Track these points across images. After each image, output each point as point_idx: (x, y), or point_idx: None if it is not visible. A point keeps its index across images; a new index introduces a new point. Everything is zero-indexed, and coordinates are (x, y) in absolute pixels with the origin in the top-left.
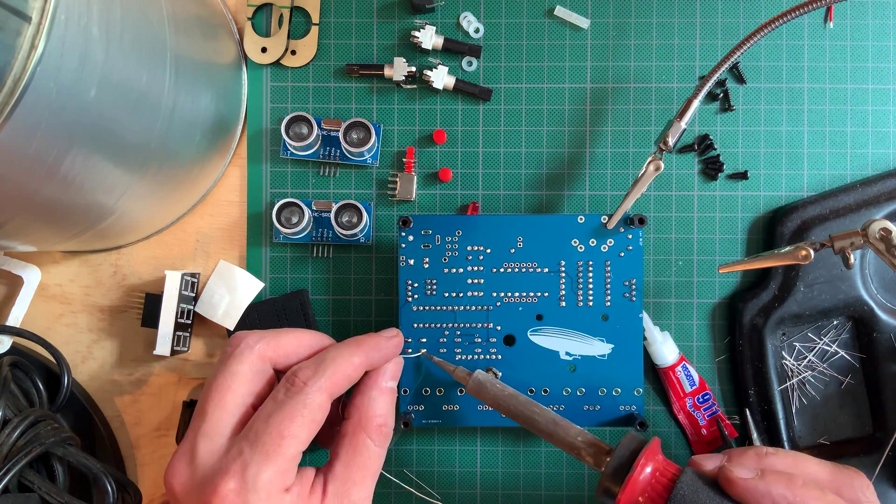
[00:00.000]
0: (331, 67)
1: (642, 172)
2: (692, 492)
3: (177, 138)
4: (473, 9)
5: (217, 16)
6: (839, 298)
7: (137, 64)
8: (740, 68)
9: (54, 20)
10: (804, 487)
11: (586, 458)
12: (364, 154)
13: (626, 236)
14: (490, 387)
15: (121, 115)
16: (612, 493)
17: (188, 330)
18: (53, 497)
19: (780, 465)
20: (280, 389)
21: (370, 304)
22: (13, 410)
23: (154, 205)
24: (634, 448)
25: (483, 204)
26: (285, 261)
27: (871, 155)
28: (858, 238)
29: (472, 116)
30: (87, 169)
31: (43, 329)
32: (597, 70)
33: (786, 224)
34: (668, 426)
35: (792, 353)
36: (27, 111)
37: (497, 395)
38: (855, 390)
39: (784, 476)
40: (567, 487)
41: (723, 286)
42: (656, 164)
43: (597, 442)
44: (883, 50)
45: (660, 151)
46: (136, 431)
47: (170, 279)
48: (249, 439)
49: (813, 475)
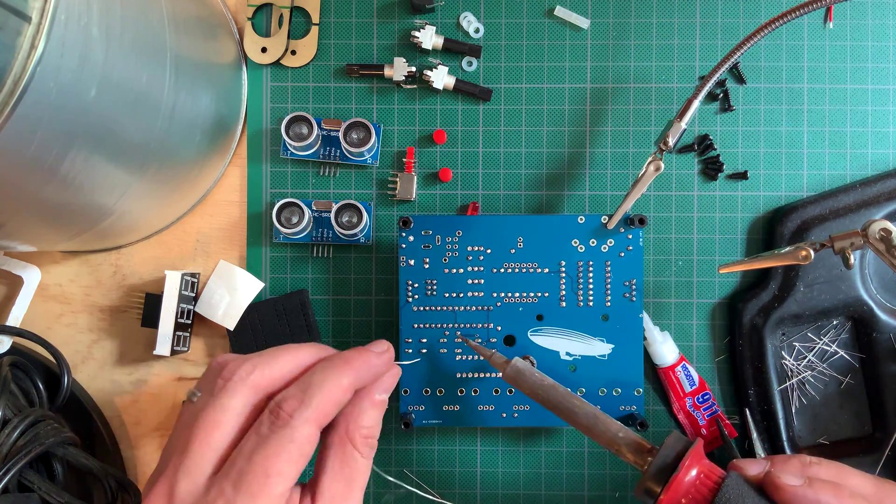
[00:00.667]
0: (331, 67)
1: (642, 173)
2: (737, 496)
3: (177, 138)
4: (473, 9)
5: (217, 16)
6: (839, 298)
7: (137, 64)
8: (740, 68)
9: (54, 20)
10: (851, 498)
11: (627, 456)
12: (364, 154)
13: (626, 237)
14: (529, 375)
15: (121, 115)
16: (653, 493)
17: (188, 330)
18: (53, 497)
19: (823, 474)
20: (263, 422)
21: (370, 304)
22: (13, 410)
23: (154, 205)
24: (680, 449)
25: (483, 204)
26: (285, 261)
27: (871, 155)
28: (858, 238)
29: (472, 116)
30: (87, 169)
31: (43, 329)
32: (597, 70)
33: (786, 224)
34: (668, 426)
35: (792, 353)
36: (27, 111)
37: (535, 384)
38: (855, 390)
39: (831, 485)
40: (567, 487)
41: (723, 286)
42: (656, 165)
43: (639, 440)
44: (883, 50)
45: (660, 151)
46: (136, 431)
47: (170, 279)
48: (231, 479)
49: (858, 487)
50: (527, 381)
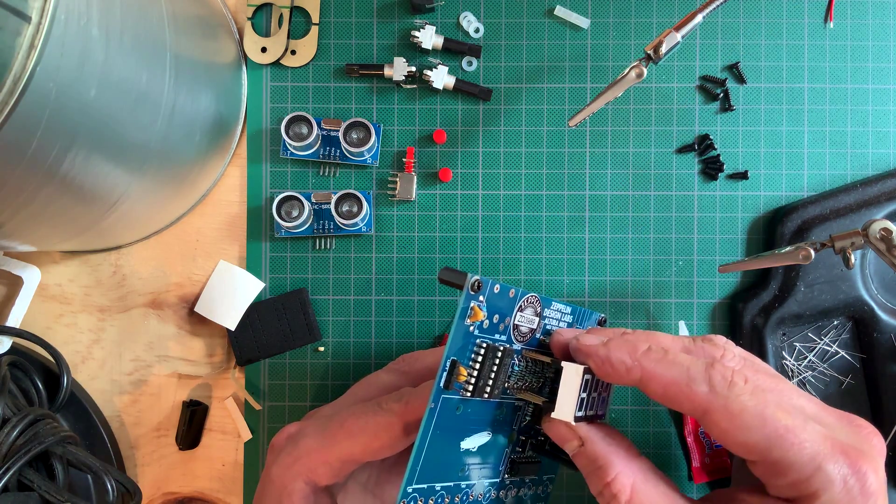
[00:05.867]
0: (331, 67)
1: (622, 75)
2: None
3: (177, 138)
4: (473, 9)
5: (217, 16)
6: (839, 298)
7: (137, 64)
8: (740, 68)
9: (54, 20)
10: (648, 353)
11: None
12: (364, 154)
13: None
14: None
15: (121, 115)
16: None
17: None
18: (53, 495)
19: (631, 337)
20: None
21: (370, 304)
22: (12, 410)
23: (154, 205)
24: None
25: (483, 204)
26: (285, 260)
27: (871, 155)
28: (859, 238)
29: (472, 116)
30: (87, 169)
31: (42, 329)
32: (597, 70)
33: (786, 224)
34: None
35: (792, 353)
36: (27, 111)
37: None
38: (855, 390)
39: (628, 344)
40: (567, 487)
41: (723, 286)
42: (639, 70)
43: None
44: (883, 50)
45: (647, 59)
46: (136, 431)
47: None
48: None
49: (664, 343)
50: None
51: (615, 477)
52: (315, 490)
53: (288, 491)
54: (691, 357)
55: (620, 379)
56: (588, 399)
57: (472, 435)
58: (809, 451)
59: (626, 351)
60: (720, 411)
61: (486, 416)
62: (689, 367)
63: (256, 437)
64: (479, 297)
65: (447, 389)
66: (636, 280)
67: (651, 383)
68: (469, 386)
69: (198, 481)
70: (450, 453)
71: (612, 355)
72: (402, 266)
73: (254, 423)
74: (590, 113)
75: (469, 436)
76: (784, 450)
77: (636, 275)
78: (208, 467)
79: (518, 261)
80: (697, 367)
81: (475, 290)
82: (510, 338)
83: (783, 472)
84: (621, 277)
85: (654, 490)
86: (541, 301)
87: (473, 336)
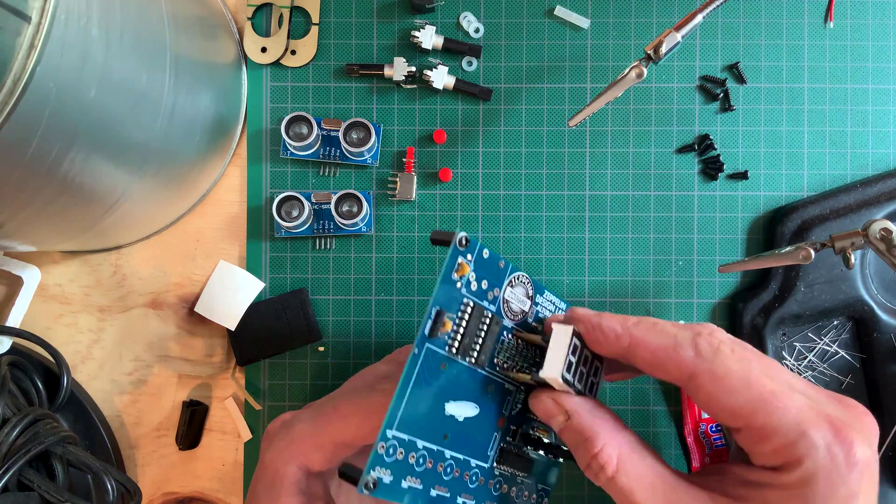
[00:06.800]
0: (331, 67)
1: (622, 75)
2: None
3: (177, 138)
4: (473, 9)
5: (217, 16)
6: (839, 299)
7: (137, 64)
8: (740, 68)
9: (54, 20)
10: (638, 324)
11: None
12: (364, 154)
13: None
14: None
15: (121, 115)
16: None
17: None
18: (53, 495)
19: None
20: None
21: (370, 304)
22: (12, 410)
23: (154, 205)
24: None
25: (483, 204)
26: (285, 260)
27: (871, 155)
28: (859, 238)
29: (472, 116)
30: (87, 169)
31: (42, 329)
32: (597, 70)
33: (786, 224)
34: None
35: (792, 353)
36: (27, 111)
37: None
38: (855, 390)
39: (620, 317)
40: (567, 487)
41: (723, 286)
42: (639, 70)
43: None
44: (883, 50)
45: (647, 59)
46: (136, 431)
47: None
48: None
49: (663, 325)
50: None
51: (602, 448)
52: (308, 475)
53: (280, 475)
54: (679, 327)
55: (610, 346)
56: (576, 370)
57: (458, 401)
58: (794, 415)
59: (618, 321)
60: (705, 374)
61: (474, 388)
62: (676, 335)
63: (256, 437)
64: (466, 254)
65: (432, 338)
66: (636, 280)
67: (639, 349)
68: (455, 342)
69: (198, 481)
70: (434, 411)
71: (603, 322)
72: (402, 266)
73: (254, 423)
74: (590, 113)
75: (455, 400)
76: (768, 413)
77: (636, 275)
78: (208, 467)
79: (518, 261)
80: (685, 335)
81: (462, 246)
82: (500, 310)
83: (767, 438)
84: (621, 277)
85: (641, 462)
86: (532, 284)
87: (460, 292)
